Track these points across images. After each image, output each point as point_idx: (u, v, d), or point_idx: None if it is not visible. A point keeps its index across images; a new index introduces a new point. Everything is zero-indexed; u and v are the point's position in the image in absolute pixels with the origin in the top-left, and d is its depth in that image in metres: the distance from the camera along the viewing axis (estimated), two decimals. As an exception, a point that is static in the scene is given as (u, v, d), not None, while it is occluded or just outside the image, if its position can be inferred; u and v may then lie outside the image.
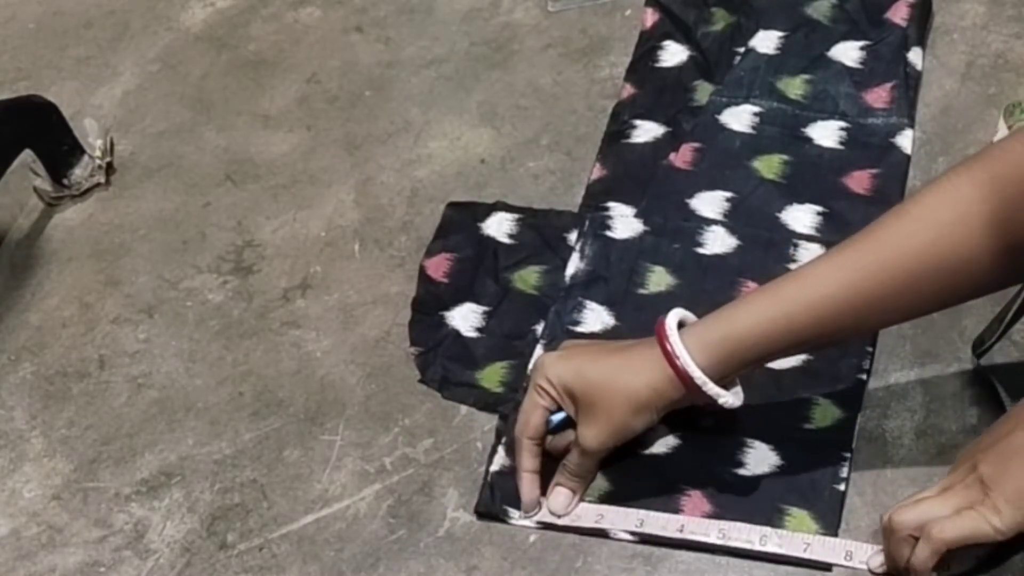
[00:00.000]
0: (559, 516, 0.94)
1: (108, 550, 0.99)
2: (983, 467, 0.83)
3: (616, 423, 0.90)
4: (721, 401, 0.89)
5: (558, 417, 0.93)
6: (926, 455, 0.93)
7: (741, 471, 0.94)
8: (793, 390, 0.98)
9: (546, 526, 0.94)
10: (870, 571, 0.88)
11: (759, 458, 0.94)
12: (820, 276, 0.86)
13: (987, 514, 0.81)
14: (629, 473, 0.95)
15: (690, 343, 0.88)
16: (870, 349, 0.99)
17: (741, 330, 0.87)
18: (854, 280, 0.85)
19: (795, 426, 0.96)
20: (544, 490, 0.94)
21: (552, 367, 0.92)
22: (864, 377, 0.97)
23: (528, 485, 0.94)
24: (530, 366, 1.02)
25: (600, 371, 0.90)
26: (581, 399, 0.90)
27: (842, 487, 0.92)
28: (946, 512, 0.82)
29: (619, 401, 0.89)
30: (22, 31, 1.42)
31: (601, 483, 0.95)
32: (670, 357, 0.88)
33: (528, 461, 0.94)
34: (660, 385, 0.88)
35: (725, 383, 0.89)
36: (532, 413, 0.93)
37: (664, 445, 0.96)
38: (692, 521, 0.92)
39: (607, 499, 0.94)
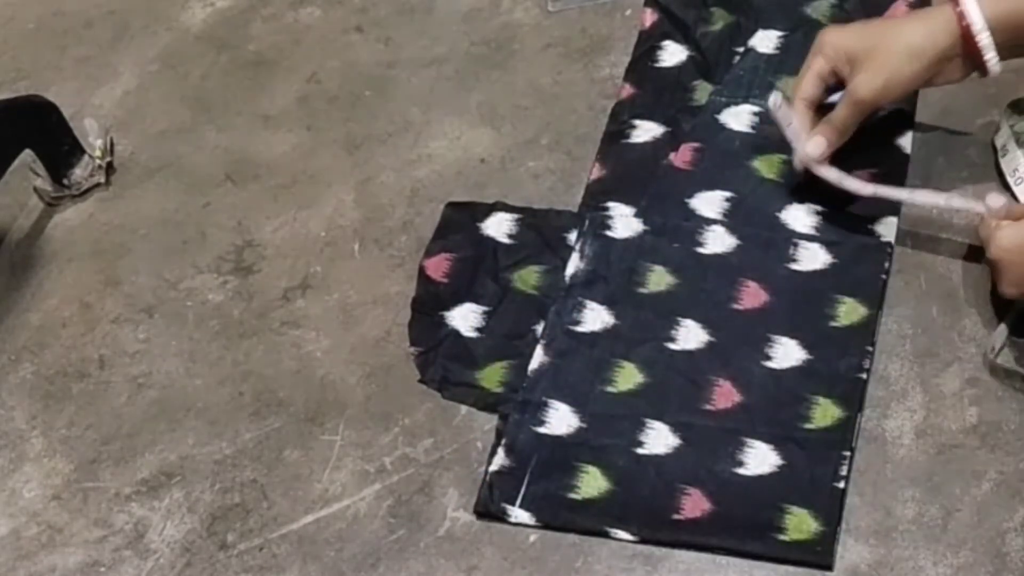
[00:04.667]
0: (815, 160, 1.03)
1: (108, 550, 0.99)
2: None
3: (890, 70, 0.98)
4: (987, 57, 0.96)
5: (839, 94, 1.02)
6: (926, 455, 0.93)
7: (741, 471, 0.94)
8: (793, 390, 0.98)
9: (545, 529, 0.94)
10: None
11: (759, 458, 0.95)
12: None
13: None
14: (629, 472, 0.95)
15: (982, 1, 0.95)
16: (870, 349, 0.99)
17: None
18: None
19: (795, 426, 0.96)
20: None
21: (832, 33, 1.02)
22: (864, 377, 0.97)
23: (802, 141, 1.03)
24: (530, 366, 1.02)
25: (880, 28, 1.01)
26: (859, 54, 0.99)
27: (842, 486, 0.92)
28: None
29: (896, 47, 0.98)
30: (22, 31, 1.42)
31: (602, 483, 0.95)
32: (955, 3, 0.95)
33: (801, 122, 1.03)
34: (937, 31, 0.97)
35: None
36: (805, 76, 1.03)
37: (664, 445, 0.97)
38: (883, 188, 1.03)
39: (608, 498, 0.95)
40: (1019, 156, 1.04)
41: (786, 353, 1.00)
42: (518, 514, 0.95)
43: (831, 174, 1.04)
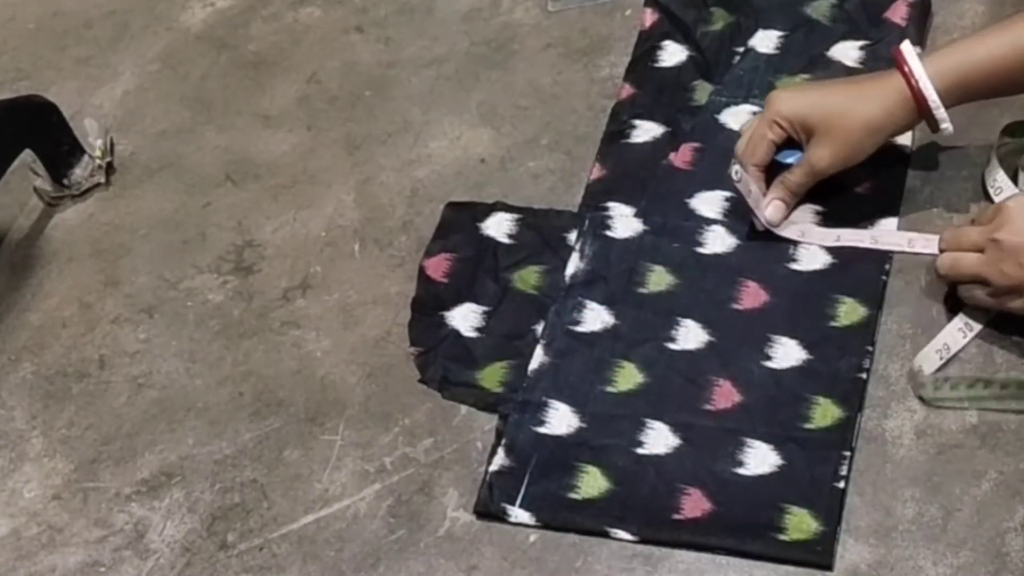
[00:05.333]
0: (775, 226, 1.05)
1: (108, 550, 0.99)
2: None
3: (851, 145, 1.01)
4: (943, 127, 0.99)
5: (794, 157, 1.04)
6: (926, 455, 0.93)
7: (741, 471, 0.94)
8: (793, 390, 0.98)
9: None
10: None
11: (759, 458, 0.95)
12: None
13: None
14: (629, 472, 0.95)
15: (928, 68, 0.98)
16: (870, 349, 0.99)
17: (975, 60, 0.98)
18: None
19: (795, 426, 0.96)
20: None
21: (786, 102, 1.03)
22: (864, 377, 0.97)
23: (762, 204, 1.05)
24: (530, 366, 1.02)
25: (836, 100, 1.02)
26: (817, 127, 1.00)
27: (841, 485, 0.92)
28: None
29: (856, 124, 1.00)
30: (22, 31, 1.42)
31: (602, 483, 0.95)
32: (908, 79, 0.98)
33: (758, 186, 1.05)
34: (895, 108, 0.99)
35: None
36: (760, 144, 1.04)
37: (664, 445, 0.97)
38: (847, 232, 1.05)
39: (608, 498, 0.95)
40: (1015, 191, 1.03)
41: (786, 353, 1.00)
42: (518, 514, 0.95)
43: (793, 234, 1.06)
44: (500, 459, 0.98)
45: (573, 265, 1.08)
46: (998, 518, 0.89)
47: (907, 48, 0.99)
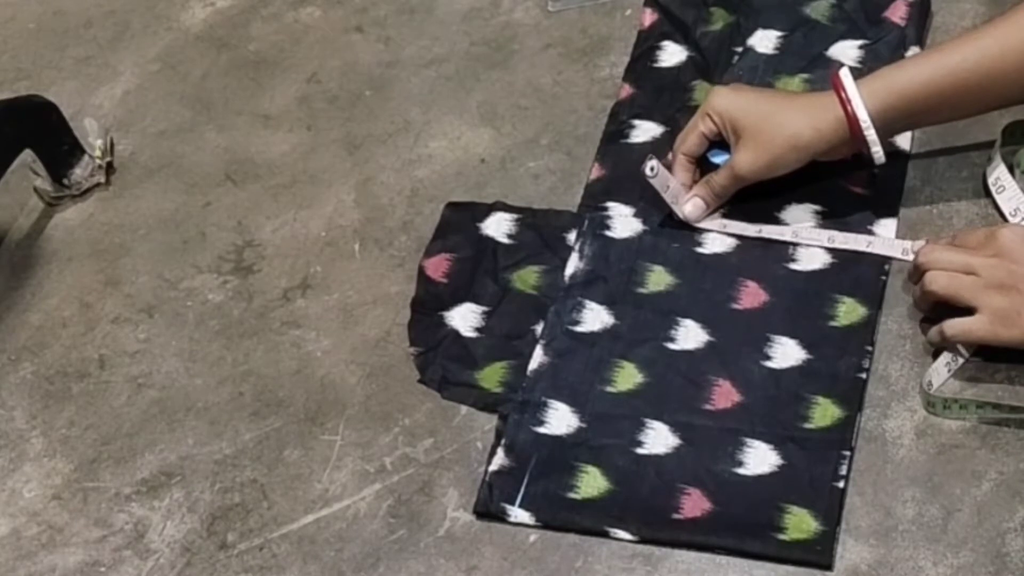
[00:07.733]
0: (692, 221, 1.06)
1: (108, 550, 0.99)
2: None
3: (774, 155, 1.01)
4: (874, 150, 0.99)
5: (723, 159, 1.04)
6: (926, 455, 0.93)
7: (741, 471, 0.94)
8: (793, 390, 0.98)
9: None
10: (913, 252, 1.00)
11: (759, 458, 0.95)
12: (985, 42, 0.97)
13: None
14: (629, 472, 0.95)
15: (862, 90, 0.98)
16: (870, 349, 0.99)
17: (905, 83, 0.98)
18: (1006, 51, 0.96)
19: (795, 426, 0.96)
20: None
21: (722, 98, 1.03)
22: (864, 377, 0.97)
23: (682, 199, 1.06)
24: (530, 366, 1.02)
25: (769, 107, 1.02)
26: (746, 130, 1.00)
27: (841, 485, 0.92)
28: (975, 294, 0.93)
29: (783, 135, 1.00)
30: (22, 31, 1.42)
31: (601, 483, 0.95)
32: (844, 101, 0.98)
33: (681, 175, 1.06)
34: (825, 128, 0.99)
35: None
36: (691, 133, 1.05)
37: (664, 445, 0.97)
38: (767, 227, 1.06)
39: (607, 498, 0.95)
40: (1018, 192, 1.03)
41: (786, 353, 1.00)
42: (518, 514, 0.95)
43: (714, 225, 1.07)
44: (500, 459, 0.98)
45: (572, 265, 1.08)
46: (998, 518, 0.89)
47: (844, 73, 0.99)
